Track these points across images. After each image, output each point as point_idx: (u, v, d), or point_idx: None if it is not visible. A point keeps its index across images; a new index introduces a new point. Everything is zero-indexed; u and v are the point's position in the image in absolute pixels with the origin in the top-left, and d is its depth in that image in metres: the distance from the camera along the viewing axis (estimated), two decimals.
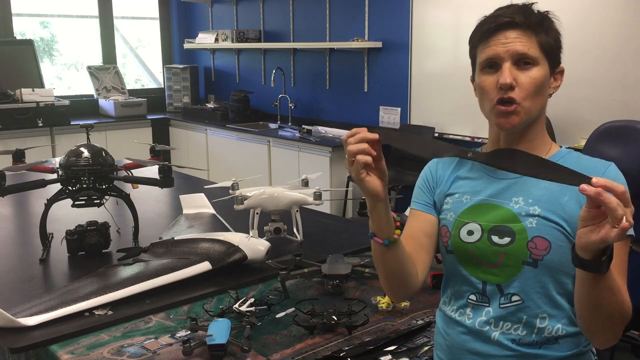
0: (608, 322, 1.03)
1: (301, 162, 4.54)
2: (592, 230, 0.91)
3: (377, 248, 1.16)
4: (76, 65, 6.28)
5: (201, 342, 1.29)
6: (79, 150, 1.91)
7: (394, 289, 1.24)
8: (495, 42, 1.13)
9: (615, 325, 1.04)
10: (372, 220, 1.13)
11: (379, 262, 1.19)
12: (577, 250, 0.95)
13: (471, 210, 1.19)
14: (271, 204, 1.96)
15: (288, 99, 5.31)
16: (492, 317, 1.16)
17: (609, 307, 1.00)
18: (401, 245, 1.16)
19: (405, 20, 4.35)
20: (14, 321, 1.40)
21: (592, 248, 0.92)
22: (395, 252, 1.15)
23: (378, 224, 1.12)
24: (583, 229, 0.92)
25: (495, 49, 1.13)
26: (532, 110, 1.15)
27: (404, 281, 1.20)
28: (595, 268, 0.95)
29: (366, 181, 1.06)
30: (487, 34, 1.14)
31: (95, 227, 1.91)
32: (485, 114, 1.19)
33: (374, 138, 1.03)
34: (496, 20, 1.14)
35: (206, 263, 1.69)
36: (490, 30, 1.14)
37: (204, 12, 6.29)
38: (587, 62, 3.39)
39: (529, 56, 1.12)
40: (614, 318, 1.03)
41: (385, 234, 1.12)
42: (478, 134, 3.97)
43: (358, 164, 1.03)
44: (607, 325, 1.04)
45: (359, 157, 1.03)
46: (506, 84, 1.11)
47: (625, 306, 1.03)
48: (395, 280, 1.21)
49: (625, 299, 1.02)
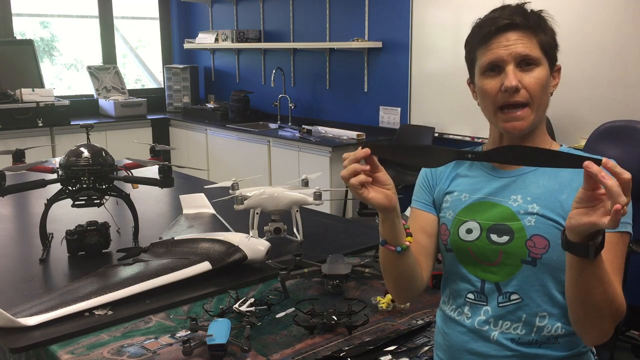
0: (596, 314, 1.02)
1: (301, 162, 4.54)
2: (585, 213, 0.90)
3: (387, 255, 1.15)
4: (76, 65, 6.28)
5: (201, 342, 1.29)
6: (79, 150, 1.91)
7: (401, 292, 1.24)
8: (497, 44, 1.13)
9: (603, 319, 1.03)
10: (383, 229, 1.12)
11: (388, 267, 1.18)
12: (567, 232, 0.95)
13: (470, 209, 1.19)
14: (271, 204, 1.96)
15: (288, 99, 5.31)
16: (491, 317, 1.16)
17: (597, 297, 1.00)
18: (411, 251, 1.16)
19: (405, 20, 4.35)
20: (14, 321, 1.40)
21: (581, 230, 0.92)
22: (406, 258, 1.15)
23: (390, 232, 1.12)
24: (576, 211, 0.92)
25: (497, 51, 1.12)
26: (539, 111, 1.14)
27: (412, 285, 1.21)
28: (582, 252, 0.94)
29: (369, 198, 1.05)
30: (488, 36, 1.14)
31: (95, 227, 1.91)
32: (489, 118, 1.18)
33: (365, 154, 1.03)
34: (495, 23, 1.13)
35: (206, 263, 1.69)
36: (491, 33, 1.13)
37: (204, 12, 6.30)
38: (587, 62, 3.39)
39: (531, 57, 1.12)
40: (603, 311, 1.01)
41: (397, 242, 1.12)
42: (478, 134, 3.97)
43: (353, 185, 1.04)
44: (595, 317, 1.03)
45: (351, 180, 1.03)
46: (512, 87, 1.11)
47: (617, 302, 1.02)
48: (404, 284, 1.21)
49: (616, 294, 1.01)
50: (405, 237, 1.13)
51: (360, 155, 1.03)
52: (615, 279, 1.05)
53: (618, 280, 1.06)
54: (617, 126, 3.05)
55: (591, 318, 1.04)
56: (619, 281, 1.06)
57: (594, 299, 1.00)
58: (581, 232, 0.92)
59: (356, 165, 1.03)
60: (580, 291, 1.01)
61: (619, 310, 1.03)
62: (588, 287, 0.99)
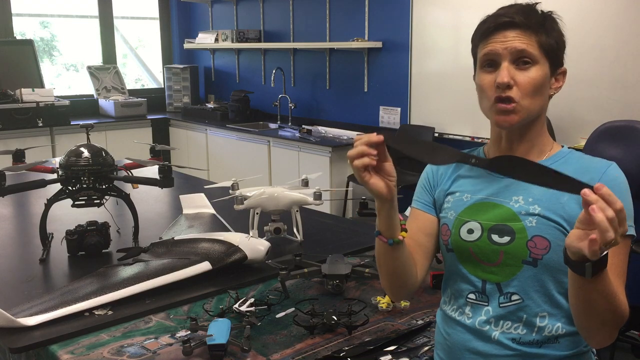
0: (599, 324, 1.03)
1: (301, 162, 4.54)
2: (579, 236, 0.90)
3: (381, 246, 1.17)
4: (76, 65, 6.28)
5: (201, 342, 1.29)
6: (79, 150, 1.91)
7: (393, 288, 1.25)
8: (495, 40, 1.14)
9: (606, 326, 1.03)
10: (379, 219, 1.13)
11: (381, 261, 1.20)
12: (565, 249, 0.95)
13: (471, 209, 1.19)
14: (271, 204, 1.96)
15: (288, 99, 5.31)
16: (492, 317, 1.16)
17: (599, 309, 1.00)
18: (405, 246, 1.17)
19: (405, 20, 4.35)
20: (14, 321, 1.40)
21: (573, 252, 0.92)
22: (398, 253, 1.16)
23: (384, 223, 1.13)
24: (574, 231, 0.92)
25: (494, 46, 1.14)
26: (531, 109, 1.15)
27: (404, 281, 1.21)
28: (579, 270, 0.94)
29: (370, 183, 1.07)
30: (487, 32, 1.15)
31: (95, 227, 1.91)
32: (485, 112, 1.19)
33: (379, 140, 1.04)
34: (496, 20, 1.15)
35: (206, 263, 1.69)
36: (490, 29, 1.15)
37: (204, 12, 6.30)
38: (587, 62, 3.38)
39: (527, 53, 1.12)
40: (606, 320, 1.02)
41: (390, 234, 1.13)
42: (478, 134, 3.97)
43: (357, 167, 1.05)
44: (599, 326, 1.04)
45: (355, 162, 1.04)
46: (503, 83, 1.12)
47: (620, 310, 1.02)
48: (396, 280, 1.21)
49: (619, 302, 1.01)
50: (399, 231, 1.14)
51: (373, 140, 1.04)
52: (618, 282, 1.05)
53: (620, 284, 1.06)
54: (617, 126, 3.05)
55: (595, 326, 1.04)
56: (621, 285, 1.07)
57: (596, 310, 1.00)
58: (574, 252, 0.92)
59: (365, 148, 1.04)
60: (582, 303, 1.01)
61: (622, 316, 1.03)
62: (589, 300, 0.99)
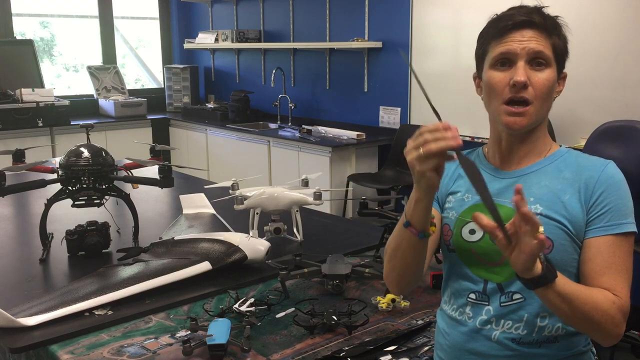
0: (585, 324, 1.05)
1: (301, 162, 4.54)
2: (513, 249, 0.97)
3: (406, 238, 1.13)
4: (76, 65, 6.28)
5: (201, 342, 1.29)
6: (79, 150, 1.91)
7: (402, 282, 1.22)
8: (511, 39, 1.13)
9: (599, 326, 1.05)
10: (414, 210, 1.09)
11: (399, 253, 1.16)
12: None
13: (472, 209, 1.19)
14: (271, 204, 1.96)
15: (288, 99, 5.31)
16: (493, 316, 1.16)
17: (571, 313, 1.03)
18: (426, 242, 1.15)
19: (405, 20, 4.35)
20: (14, 321, 1.40)
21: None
22: (421, 246, 1.14)
23: (421, 215, 1.09)
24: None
25: (511, 44, 1.12)
26: (541, 112, 1.15)
27: (415, 275, 1.20)
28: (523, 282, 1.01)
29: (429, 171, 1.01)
30: (504, 30, 1.14)
31: (95, 227, 1.91)
32: (491, 112, 1.18)
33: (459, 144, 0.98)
34: (513, 18, 1.14)
35: (206, 263, 1.69)
36: (507, 27, 1.13)
37: (204, 12, 6.29)
38: (587, 62, 3.38)
39: (543, 55, 1.12)
40: (590, 320, 1.04)
41: (421, 226, 1.10)
42: (478, 134, 3.96)
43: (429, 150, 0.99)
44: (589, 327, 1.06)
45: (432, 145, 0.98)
46: (520, 82, 1.11)
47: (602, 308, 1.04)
48: (408, 273, 1.19)
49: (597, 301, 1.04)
50: (429, 226, 1.12)
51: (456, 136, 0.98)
52: (618, 279, 1.05)
53: (622, 281, 1.07)
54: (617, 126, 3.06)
55: (583, 328, 1.07)
56: (622, 281, 1.07)
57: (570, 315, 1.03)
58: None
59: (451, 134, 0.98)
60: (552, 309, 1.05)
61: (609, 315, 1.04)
62: (554, 307, 1.03)
